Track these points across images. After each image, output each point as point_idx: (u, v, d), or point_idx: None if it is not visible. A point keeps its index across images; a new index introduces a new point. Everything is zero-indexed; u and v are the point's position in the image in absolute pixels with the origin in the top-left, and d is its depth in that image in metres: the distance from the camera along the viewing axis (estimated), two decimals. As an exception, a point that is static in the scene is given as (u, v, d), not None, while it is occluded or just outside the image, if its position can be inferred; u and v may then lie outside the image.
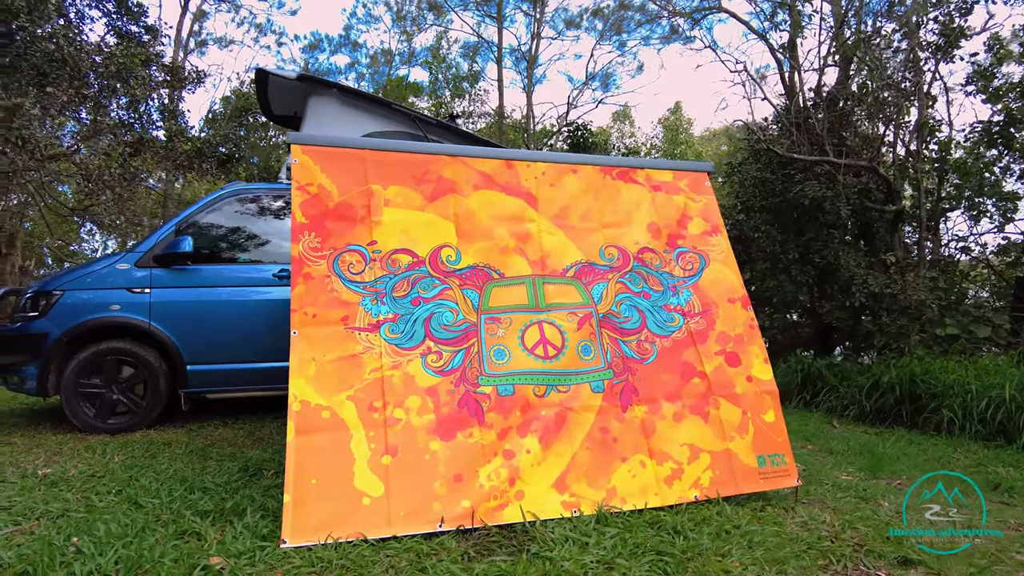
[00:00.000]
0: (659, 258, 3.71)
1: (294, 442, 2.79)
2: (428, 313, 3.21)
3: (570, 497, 2.91)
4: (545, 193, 3.67)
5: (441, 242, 3.38)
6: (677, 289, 3.65)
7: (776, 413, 3.42)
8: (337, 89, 5.30)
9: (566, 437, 3.07)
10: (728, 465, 3.20)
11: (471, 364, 3.14)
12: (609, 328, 3.43)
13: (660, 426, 3.23)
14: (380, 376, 3.01)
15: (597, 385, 3.25)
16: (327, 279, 3.15)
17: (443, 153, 3.56)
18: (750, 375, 3.48)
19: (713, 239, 3.85)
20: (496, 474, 2.86)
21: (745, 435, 3.31)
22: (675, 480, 3.10)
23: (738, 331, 3.59)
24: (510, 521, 2.76)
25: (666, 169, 4.01)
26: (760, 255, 7.46)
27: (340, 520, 2.61)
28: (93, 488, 3.19)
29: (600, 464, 3.05)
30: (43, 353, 4.38)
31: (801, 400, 6.51)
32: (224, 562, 2.33)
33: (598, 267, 3.58)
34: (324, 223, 3.23)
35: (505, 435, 2.99)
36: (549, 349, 3.27)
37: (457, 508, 2.72)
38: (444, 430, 2.94)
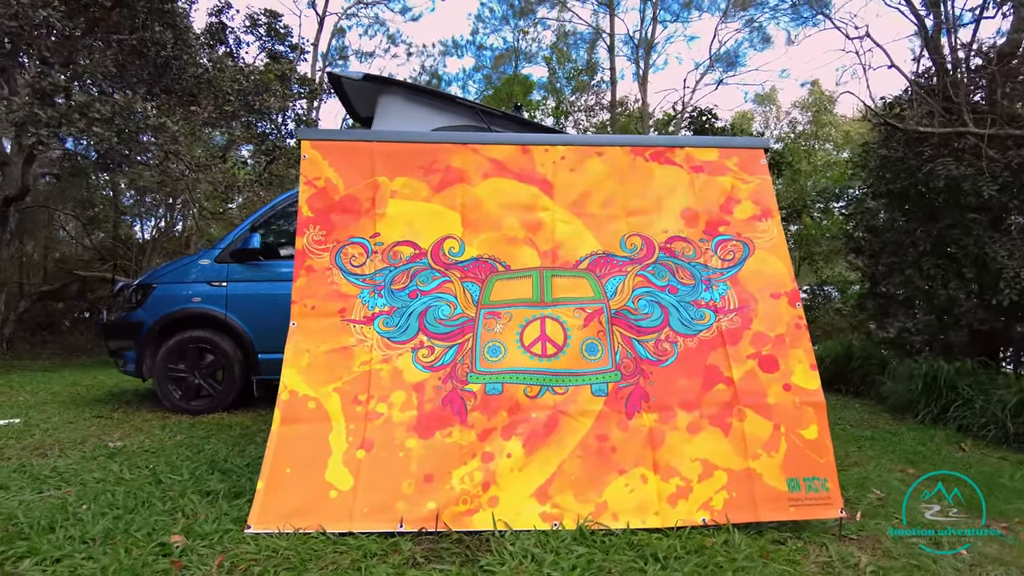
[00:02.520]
0: (693, 247, 3.29)
1: (278, 431, 2.85)
2: (424, 307, 3.12)
3: (552, 508, 2.66)
4: (563, 179, 3.41)
5: (445, 233, 3.27)
6: (711, 282, 3.21)
7: (820, 429, 2.87)
8: (403, 87, 5.40)
9: (555, 443, 2.82)
10: (748, 487, 2.74)
11: (463, 360, 3.00)
12: (622, 326, 3.10)
13: (670, 437, 2.85)
14: (368, 369, 2.97)
15: (599, 388, 2.95)
16: (328, 271, 3.18)
17: (453, 142, 3.44)
18: (789, 383, 2.95)
19: (761, 224, 3.33)
20: (470, 477, 2.70)
21: (775, 453, 2.81)
22: (680, 499, 2.71)
23: (779, 331, 3.07)
24: (480, 528, 2.58)
25: (711, 147, 3.54)
26: (884, 247, 6.39)
27: (305, 511, 2.61)
28: (135, 463, 3.50)
29: (592, 475, 2.75)
30: (140, 340, 4.95)
31: (928, 415, 5.48)
32: (183, 541, 2.42)
33: (616, 259, 3.25)
34: (329, 216, 3.26)
35: (487, 436, 2.81)
36: (548, 347, 3.02)
37: (422, 510, 2.60)
38: (423, 428, 2.83)
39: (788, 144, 17.06)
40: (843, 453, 4.37)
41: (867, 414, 6.06)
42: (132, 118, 7.63)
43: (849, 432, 5.14)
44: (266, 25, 15.19)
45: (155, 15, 8.26)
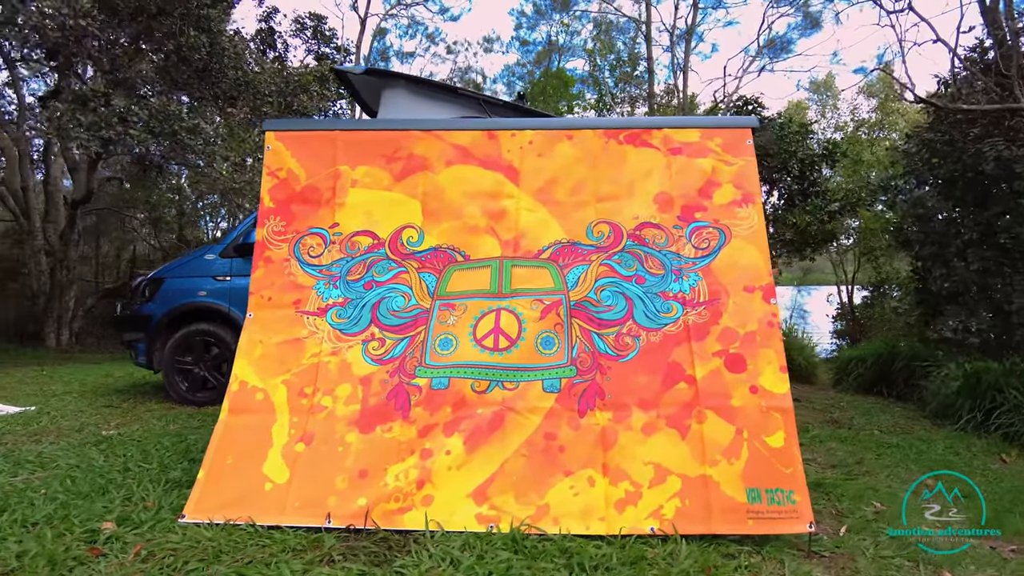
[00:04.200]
0: (665, 234, 3.06)
1: (225, 421, 2.84)
2: (378, 298, 3.04)
3: (489, 510, 2.52)
4: (530, 165, 3.25)
5: (405, 223, 3.18)
6: (682, 273, 2.97)
7: (788, 437, 2.60)
8: (405, 80, 5.35)
9: (499, 441, 2.67)
10: (703, 496, 2.50)
11: (412, 354, 2.90)
12: (582, 318, 2.92)
13: (624, 438, 2.65)
14: (317, 362, 2.92)
15: (551, 384, 2.78)
16: (286, 262, 3.15)
17: (416, 128, 3.34)
18: (756, 385, 2.69)
19: (741, 210, 3.06)
20: (405, 474, 2.59)
21: (735, 460, 2.56)
22: (629, 505, 2.51)
23: (750, 328, 2.80)
24: (410, 528, 2.47)
25: (692, 128, 3.29)
26: (927, 237, 5.82)
27: (240, 502, 2.57)
28: (115, 450, 3.59)
29: (535, 476, 2.59)
30: (150, 332, 5.12)
31: (970, 421, 4.95)
32: (113, 528, 2.43)
33: (581, 247, 3.07)
34: (290, 207, 3.23)
35: (427, 432, 2.70)
36: (501, 340, 2.88)
37: (351, 506, 2.52)
38: (365, 422, 2.75)
39: (848, 134, 16.06)
40: (856, 460, 4.02)
41: (904, 419, 5.56)
42: (167, 121, 7.96)
43: (875, 438, 4.72)
44: (312, 28, 15.61)
45: (190, 21, 8.58)
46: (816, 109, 18.81)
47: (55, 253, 12.42)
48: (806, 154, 11.15)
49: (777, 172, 11.33)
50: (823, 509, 3.03)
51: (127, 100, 7.95)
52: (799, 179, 11.53)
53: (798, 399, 6.44)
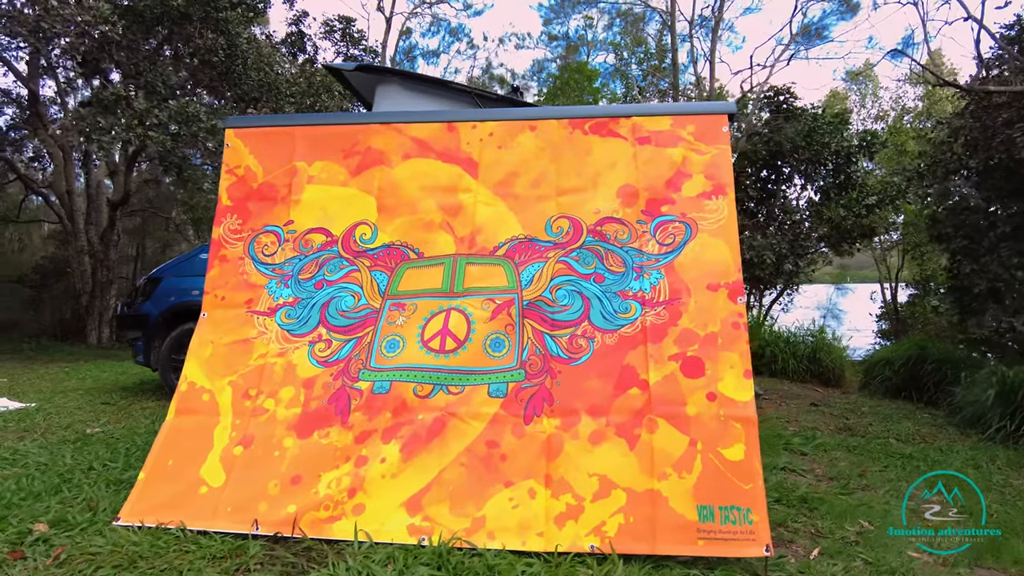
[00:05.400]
0: (628, 230, 2.87)
1: (170, 422, 2.80)
2: (328, 298, 2.95)
3: (422, 521, 2.39)
4: (490, 157, 3.11)
5: (359, 219, 3.08)
6: (644, 270, 2.78)
7: (748, 449, 2.37)
8: (397, 75, 5.26)
9: (438, 448, 2.54)
10: (649, 512, 2.31)
11: (358, 356, 2.79)
12: (535, 319, 2.76)
13: (569, 447, 2.48)
14: (263, 363, 2.86)
15: (498, 388, 2.63)
16: (240, 261, 3.09)
17: (375, 121, 3.24)
18: (714, 391, 2.47)
19: (710, 203, 2.84)
20: (337, 482, 2.49)
21: (686, 474, 2.35)
22: (569, 520, 2.34)
23: (712, 329, 2.59)
24: (339, 537, 2.37)
25: (663, 115, 3.07)
26: (957, 231, 5.37)
27: (174, 505, 2.52)
28: (89, 449, 3.62)
29: (474, 486, 2.45)
30: (147, 331, 5.19)
31: (1000, 431, 4.54)
32: (45, 530, 2.41)
33: (539, 244, 2.91)
34: (247, 205, 3.18)
35: (365, 439, 2.59)
36: (448, 342, 2.74)
37: (280, 513, 2.43)
38: (304, 427, 2.66)
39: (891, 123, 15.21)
40: (859, 472, 3.72)
41: (928, 427, 5.16)
42: (187, 123, 8.12)
43: (888, 448, 4.37)
44: (340, 31, 15.78)
45: (210, 24, 8.73)
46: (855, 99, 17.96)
47: (96, 253, 12.91)
48: (841, 146, 10.60)
49: (810, 165, 10.82)
50: (801, 528, 2.79)
51: (148, 103, 8.14)
52: (834, 172, 10.98)
53: (815, 403, 6.09)
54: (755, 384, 6.72)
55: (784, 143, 10.36)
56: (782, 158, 10.84)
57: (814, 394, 6.77)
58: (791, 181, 11.72)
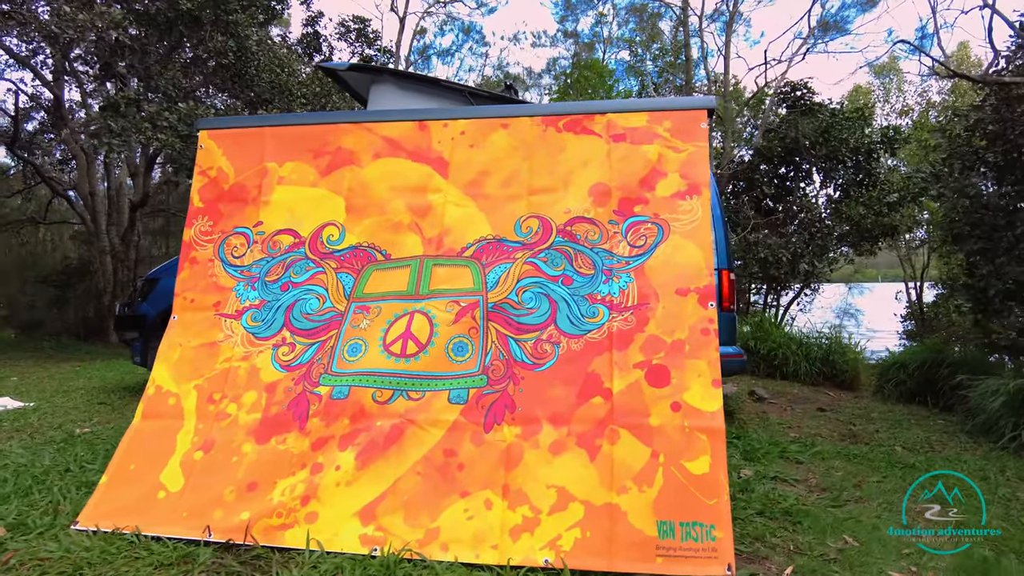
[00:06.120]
0: (599, 230, 2.77)
1: (136, 426, 2.78)
2: (293, 300, 2.91)
3: (375, 531, 2.32)
4: (461, 156, 3.03)
5: (327, 220, 3.03)
6: (613, 272, 2.68)
7: (714, 463, 2.26)
8: (390, 74, 5.23)
9: (395, 456, 2.47)
10: (607, 527, 2.21)
11: (320, 360, 2.74)
12: (500, 322, 2.68)
13: (529, 457, 2.39)
14: (228, 367, 2.82)
15: (459, 395, 2.56)
16: (210, 263, 3.07)
17: (346, 121, 3.18)
18: (680, 401, 2.36)
19: (684, 203, 2.72)
20: (292, 489, 2.43)
21: (647, 488, 2.25)
22: (525, 533, 2.25)
23: (679, 336, 2.47)
24: (291, 546, 2.32)
25: (639, 111, 2.96)
26: (972, 230, 5.12)
27: (132, 510, 2.50)
28: (72, 450, 3.64)
29: (429, 496, 2.38)
30: (144, 332, 5.23)
31: (1015, 440, 4.30)
32: (3, 533, 2.41)
33: (507, 244, 2.82)
34: (218, 206, 3.16)
35: (322, 445, 2.53)
36: (410, 346, 2.68)
37: (234, 519, 2.39)
38: (263, 432, 2.62)
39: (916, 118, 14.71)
40: (855, 483, 3.55)
41: (939, 434, 4.93)
42: (194, 124, 8.21)
43: (892, 456, 4.18)
44: (355, 31, 15.85)
45: (219, 27, 8.82)
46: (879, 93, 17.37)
47: (117, 254, 13.18)
48: (861, 142, 10.29)
49: (828, 162, 10.52)
50: (780, 543, 2.64)
51: (157, 106, 8.25)
52: (854, 169, 10.67)
53: (823, 408, 5.89)
54: (761, 387, 6.54)
55: (801, 139, 10.09)
56: (799, 154, 10.56)
57: (824, 398, 6.56)
58: (810, 178, 11.43)
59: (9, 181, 17.27)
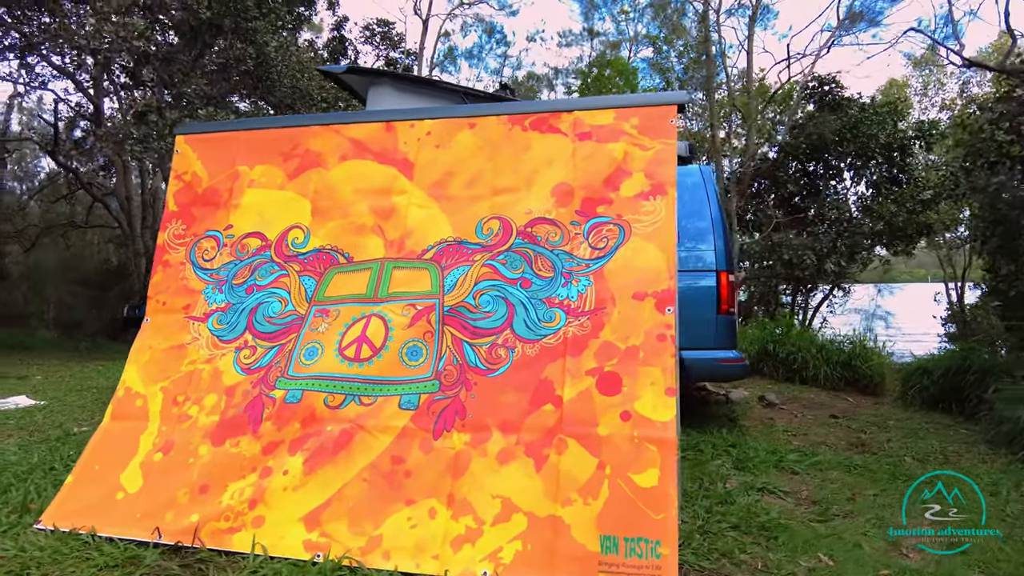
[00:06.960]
0: (561, 232, 2.69)
1: (105, 427, 2.83)
2: (256, 303, 2.92)
3: (319, 537, 2.30)
4: (426, 157, 2.99)
5: (293, 223, 3.03)
6: (573, 275, 2.59)
7: (663, 475, 2.15)
8: (388, 77, 5.24)
9: (343, 462, 2.44)
10: (549, 540, 2.13)
11: (279, 363, 2.74)
12: (455, 326, 2.62)
13: (476, 465, 2.33)
14: (192, 369, 2.84)
15: (409, 400, 2.51)
16: (182, 266, 3.11)
17: (314, 123, 3.18)
18: (630, 410, 2.26)
19: (647, 204, 2.62)
20: (240, 492, 2.43)
21: (592, 500, 2.16)
22: (467, 543, 2.19)
23: (633, 342, 2.37)
24: (238, 550, 2.32)
25: (606, 108, 2.87)
26: (991, 227, 4.82)
27: (91, 511, 2.53)
28: (62, 448, 3.74)
29: (374, 503, 2.34)
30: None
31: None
32: (-29, 532, 2.47)
33: (468, 247, 2.77)
34: (191, 210, 3.19)
35: (272, 450, 2.52)
36: (364, 350, 2.64)
37: (183, 522, 2.40)
38: (218, 435, 2.62)
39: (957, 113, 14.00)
40: (849, 496, 3.37)
41: (956, 444, 4.66)
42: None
43: (899, 468, 3.95)
44: (380, 34, 16.02)
45: (239, 34, 9.01)
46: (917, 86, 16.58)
47: (151, 256, 13.62)
48: (893, 137, 9.86)
49: (858, 158, 10.12)
50: (748, 560, 2.51)
51: (179, 112, 8.48)
52: (887, 165, 10.24)
53: (836, 415, 5.63)
54: (772, 391, 6.28)
55: (828, 135, 9.72)
56: (827, 151, 10.19)
57: (841, 404, 6.28)
58: (840, 175, 11.02)
59: (57, 187, 18.03)
